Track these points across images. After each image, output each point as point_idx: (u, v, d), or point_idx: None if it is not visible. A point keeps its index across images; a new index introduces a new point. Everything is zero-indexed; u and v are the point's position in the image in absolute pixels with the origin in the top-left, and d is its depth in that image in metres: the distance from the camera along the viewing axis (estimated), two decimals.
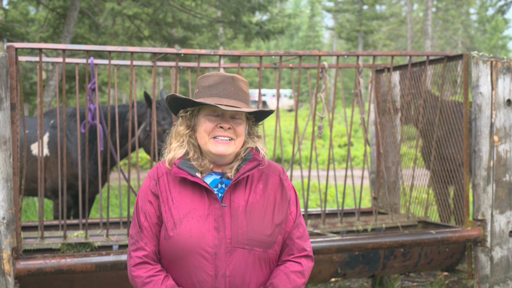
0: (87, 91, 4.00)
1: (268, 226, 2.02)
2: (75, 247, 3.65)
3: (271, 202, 2.07)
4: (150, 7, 10.17)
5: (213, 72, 2.10)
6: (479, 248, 4.00)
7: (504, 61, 3.97)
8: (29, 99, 11.62)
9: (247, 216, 2.01)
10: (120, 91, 24.26)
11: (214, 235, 1.97)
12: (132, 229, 2.08)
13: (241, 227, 1.99)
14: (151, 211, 2.04)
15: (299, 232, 2.12)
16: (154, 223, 2.04)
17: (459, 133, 4.25)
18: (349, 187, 9.26)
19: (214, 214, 1.99)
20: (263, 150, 2.15)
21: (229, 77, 2.08)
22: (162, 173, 2.09)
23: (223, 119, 2.04)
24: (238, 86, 2.08)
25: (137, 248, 2.03)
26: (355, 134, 20.01)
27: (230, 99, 2.04)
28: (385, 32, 38.04)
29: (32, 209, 8.16)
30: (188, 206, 2.00)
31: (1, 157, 3.06)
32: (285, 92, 36.45)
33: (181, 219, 1.98)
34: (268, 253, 2.02)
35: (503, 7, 19.64)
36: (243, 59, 20.87)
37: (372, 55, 4.03)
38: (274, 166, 2.17)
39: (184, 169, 2.03)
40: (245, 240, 1.98)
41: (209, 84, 2.07)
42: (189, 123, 2.11)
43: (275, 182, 2.12)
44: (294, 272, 2.06)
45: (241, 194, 2.04)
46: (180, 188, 2.04)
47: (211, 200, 2.01)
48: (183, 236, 1.96)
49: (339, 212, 4.40)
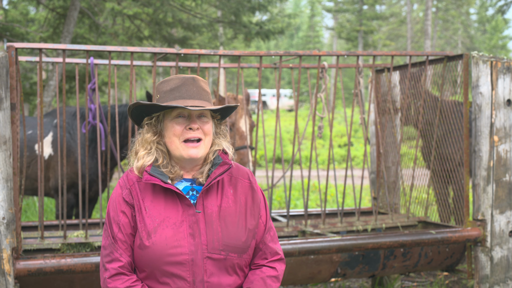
0: (87, 91, 4.00)
1: (242, 232, 2.04)
2: (75, 247, 3.65)
3: (242, 206, 2.08)
4: (150, 7, 10.17)
5: (171, 76, 2.10)
6: (479, 248, 4.00)
7: (504, 61, 3.97)
8: (29, 99, 11.62)
9: (221, 222, 2.01)
10: (120, 91, 24.26)
11: (190, 241, 1.96)
12: (105, 240, 2.05)
13: (216, 233, 1.99)
14: (125, 222, 2.01)
15: (270, 236, 2.15)
16: (129, 233, 2.01)
17: (459, 133, 4.25)
18: (349, 187, 9.26)
19: (188, 220, 1.99)
20: (231, 150, 2.15)
21: (189, 78, 2.08)
22: (132, 181, 2.06)
23: (190, 120, 2.03)
24: (200, 86, 2.08)
25: (112, 260, 2.00)
26: (355, 134, 20.00)
27: (194, 99, 2.04)
28: (385, 32, 38.05)
29: (32, 209, 8.16)
30: (161, 215, 1.99)
31: (1, 157, 3.06)
32: (285, 92, 36.45)
33: (155, 228, 1.96)
34: (242, 258, 2.04)
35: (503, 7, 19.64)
36: (243, 59, 20.87)
37: (372, 55, 4.04)
38: (242, 169, 2.18)
39: (156, 175, 2.00)
40: (221, 246, 1.98)
41: (171, 88, 2.06)
42: (155, 129, 2.09)
43: (244, 186, 2.13)
44: (270, 277, 2.09)
45: (213, 200, 2.04)
46: (152, 197, 2.02)
47: (185, 207, 2.00)
48: (159, 245, 1.95)
49: (339, 212, 4.40)
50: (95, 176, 4.95)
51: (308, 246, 3.60)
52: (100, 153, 4.78)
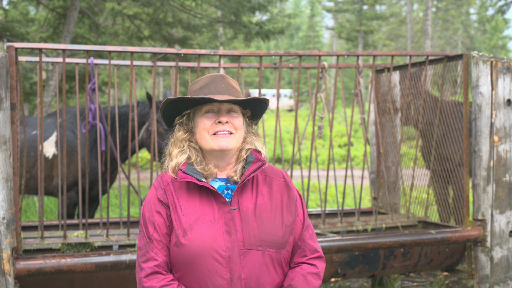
0: (87, 91, 4.00)
1: (279, 227, 2.02)
2: (75, 247, 3.65)
3: (278, 203, 2.07)
4: (150, 7, 10.17)
5: (202, 76, 2.11)
6: (479, 248, 4.00)
7: (504, 61, 3.97)
8: (29, 99, 11.63)
9: (257, 218, 2.00)
10: (120, 91, 24.26)
11: (226, 238, 1.95)
12: (140, 240, 2.05)
13: (252, 229, 1.98)
14: (160, 221, 2.01)
15: (309, 233, 2.13)
16: (164, 233, 2.01)
17: (459, 133, 4.25)
18: (349, 187, 9.26)
19: (224, 218, 1.98)
20: (264, 150, 2.15)
21: (218, 76, 2.10)
22: (167, 182, 2.06)
23: (219, 114, 2.04)
24: (228, 83, 2.10)
25: (148, 259, 1.99)
26: (355, 134, 20.01)
27: (223, 94, 2.05)
28: (385, 32, 38.05)
29: (32, 209, 8.15)
30: (197, 212, 1.99)
31: (1, 157, 3.06)
32: (285, 92, 36.45)
33: (191, 226, 1.96)
34: (281, 254, 2.01)
35: (503, 7, 19.63)
36: (243, 59, 20.87)
37: (372, 55, 4.03)
38: (277, 169, 2.18)
39: (191, 174, 2.01)
40: (258, 241, 1.97)
41: (200, 86, 2.09)
42: (186, 127, 2.10)
43: (280, 184, 2.12)
44: (311, 273, 2.06)
45: (248, 197, 2.04)
46: (187, 196, 2.03)
47: (220, 205, 2.00)
48: (195, 242, 1.94)
49: (339, 212, 4.40)
50: (98, 176, 4.96)
51: None
52: (100, 153, 4.78)
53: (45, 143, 4.98)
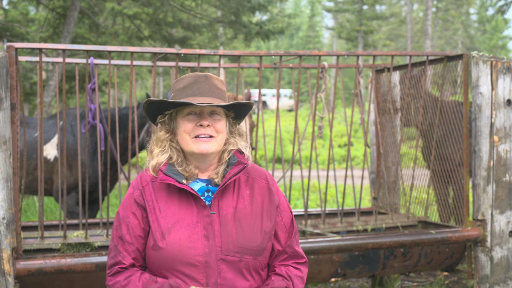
0: (87, 91, 4.00)
1: (258, 234, 2.00)
2: (75, 247, 3.65)
3: (259, 208, 2.04)
4: (150, 7, 10.17)
5: (186, 74, 2.09)
6: (479, 248, 4.00)
7: (504, 61, 3.97)
8: (29, 99, 11.62)
9: (236, 224, 1.98)
10: (120, 91, 24.27)
11: (204, 243, 1.94)
12: (111, 241, 2.05)
13: (231, 235, 1.96)
14: (134, 223, 2.00)
15: (296, 240, 2.14)
16: (137, 235, 2.00)
17: (459, 133, 4.25)
18: (349, 187, 9.26)
19: (203, 222, 1.96)
20: (247, 150, 2.12)
21: (202, 75, 2.06)
22: (146, 182, 2.05)
23: (201, 117, 2.01)
24: (212, 84, 2.05)
25: (116, 262, 2.00)
26: (355, 134, 20.01)
27: (205, 96, 2.02)
28: (385, 32, 38.04)
29: (32, 209, 8.15)
30: (176, 216, 1.97)
31: (1, 157, 3.06)
32: (285, 92, 36.45)
33: (169, 229, 1.95)
34: (258, 260, 2.00)
35: (503, 7, 19.63)
36: (243, 59, 20.87)
37: (372, 55, 4.03)
38: (260, 170, 2.14)
39: (171, 175, 1.99)
40: (235, 248, 1.96)
41: (184, 86, 2.05)
42: (168, 127, 2.08)
43: (262, 186, 2.09)
44: (297, 276, 2.07)
45: (229, 201, 2.02)
46: (166, 197, 2.01)
47: (199, 208, 1.98)
48: (173, 246, 1.93)
49: (339, 212, 4.40)
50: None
51: (308, 246, 3.60)
52: (100, 153, 4.77)
53: (47, 145, 4.98)
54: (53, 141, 4.99)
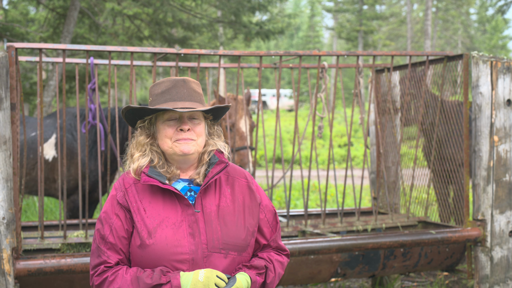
0: (87, 91, 4.00)
1: (241, 230, 2.06)
2: (75, 247, 3.66)
3: (241, 205, 2.10)
4: (150, 7, 10.17)
5: (164, 78, 2.12)
6: (479, 248, 4.00)
7: (504, 61, 3.97)
8: (29, 99, 11.62)
9: (220, 221, 2.03)
10: (120, 91, 24.27)
11: (190, 241, 1.98)
12: (93, 243, 2.06)
13: (215, 232, 2.01)
14: (117, 225, 2.02)
15: (279, 234, 2.22)
16: (121, 237, 2.01)
17: (459, 133, 4.25)
18: (349, 187, 9.26)
19: (187, 220, 2.00)
20: (226, 149, 2.18)
21: (180, 80, 2.09)
22: (129, 184, 2.07)
23: (181, 121, 2.05)
24: (190, 88, 2.09)
25: (101, 262, 2.01)
26: (355, 134, 20.01)
27: (184, 101, 2.06)
28: (385, 32, 38.04)
29: (32, 209, 8.15)
30: (160, 215, 2.00)
31: (1, 157, 3.06)
32: (285, 92, 36.44)
33: (155, 228, 1.98)
34: (242, 256, 2.06)
35: (503, 7, 19.63)
36: (243, 59, 20.88)
37: (372, 55, 4.04)
38: (239, 169, 2.20)
39: (154, 176, 2.02)
40: (221, 245, 2.00)
41: (162, 90, 2.08)
42: (148, 131, 2.11)
43: (242, 185, 2.15)
44: (277, 261, 2.15)
45: (211, 199, 2.06)
46: (150, 198, 2.04)
47: (183, 207, 2.02)
48: (159, 245, 1.96)
49: (339, 212, 4.40)
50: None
51: (308, 246, 3.60)
52: (100, 153, 4.77)
53: (44, 146, 4.95)
54: (50, 141, 4.97)
